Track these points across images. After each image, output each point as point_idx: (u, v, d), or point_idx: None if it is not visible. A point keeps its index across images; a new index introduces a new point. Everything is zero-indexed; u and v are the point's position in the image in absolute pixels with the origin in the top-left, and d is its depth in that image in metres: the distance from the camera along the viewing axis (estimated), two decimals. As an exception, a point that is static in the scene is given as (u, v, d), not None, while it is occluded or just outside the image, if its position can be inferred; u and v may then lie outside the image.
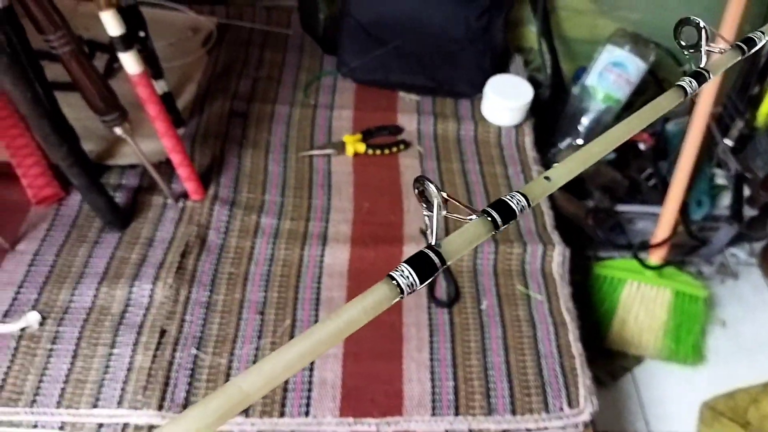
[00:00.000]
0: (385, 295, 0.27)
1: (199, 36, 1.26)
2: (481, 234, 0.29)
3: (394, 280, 0.27)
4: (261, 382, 0.25)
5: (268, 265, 0.91)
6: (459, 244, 0.29)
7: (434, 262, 0.28)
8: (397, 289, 0.27)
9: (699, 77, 0.38)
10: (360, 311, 0.27)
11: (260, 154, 1.07)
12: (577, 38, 1.39)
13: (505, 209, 0.30)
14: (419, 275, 0.27)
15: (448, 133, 1.16)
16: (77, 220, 0.93)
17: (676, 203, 1.13)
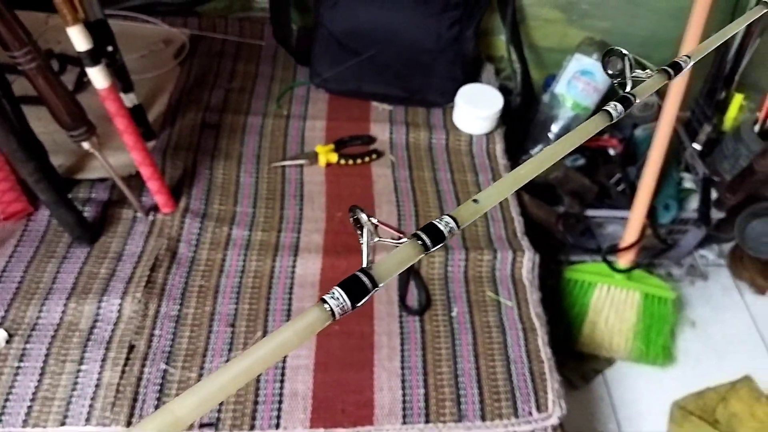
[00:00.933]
0: (316, 318, 0.27)
1: (171, 48, 1.26)
2: (412, 256, 0.30)
3: (326, 304, 0.27)
4: (194, 405, 0.25)
5: (239, 277, 0.91)
6: (390, 267, 0.29)
7: (366, 285, 0.28)
8: (329, 313, 0.27)
9: (625, 101, 0.39)
10: (292, 334, 0.27)
11: (232, 166, 1.06)
12: (547, 47, 1.40)
13: (434, 232, 0.30)
14: (352, 298, 0.27)
15: (420, 141, 1.16)
16: (46, 235, 0.92)
17: (644, 207, 1.14)
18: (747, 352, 1.34)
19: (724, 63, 1.47)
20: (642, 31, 1.39)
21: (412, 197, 1.06)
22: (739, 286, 1.46)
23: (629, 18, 1.35)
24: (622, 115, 0.38)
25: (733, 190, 1.25)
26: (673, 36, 1.29)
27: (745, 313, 1.40)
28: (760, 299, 1.43)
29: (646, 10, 1.34)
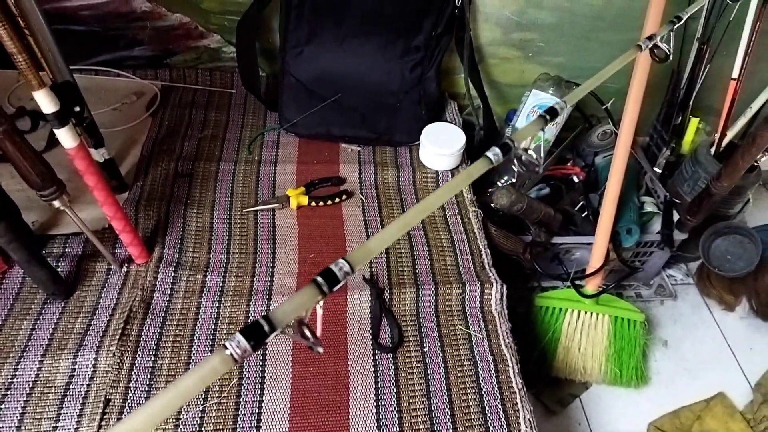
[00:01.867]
0: (218, 363, 0.30)
1: (143, 100, 1.28)
2: (310, 298, 0.33)
3: (228, 350, 0.30)
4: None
5: (214, 325, 0.92)
6: (289, 311, 0.32)
7: (264, 330, 0.31)
8: (230, 357, 0.30)
9: (504, 147, 0.44)
10: (196, 380, 0.29)
11: (205, 213, 1.08)
12: (507, 83, 1.46)
13: (331, 276, 0.33)
14: (253, 342, 0.30)
15: (388, 180, 1.19)
16: (21, 292, 0.92)
17: (606, 233, 1.18)
18: (719, 369, 1.36)
19: (678, 88, 1.53)
20: (596, 64, 1.44)
21: (382, 235, 1.08)
22: (709, 303, 1.49)
23: (582, 52, 1.41)
24: (501, 160, 0.43)
25: (694, 212, 1.29)
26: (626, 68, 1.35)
27: (715, 330, 1.43)
28: (730, 316, 1.47)
29: (597, 44, 1.40)
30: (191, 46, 1.33)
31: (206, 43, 1.32)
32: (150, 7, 1.24)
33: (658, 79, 1.50)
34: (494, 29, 1.34)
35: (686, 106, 1.54)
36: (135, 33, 1.28)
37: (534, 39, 1.37)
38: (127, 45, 1.30)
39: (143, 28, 1.27)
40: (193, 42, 1.32)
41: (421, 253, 1.06)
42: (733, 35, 1.32)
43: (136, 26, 1.27)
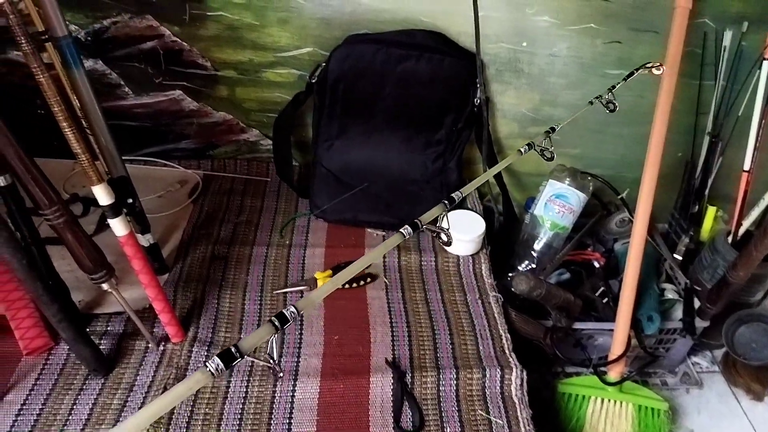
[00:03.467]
0: (201, 377, 0.42)
1: (186, 187, 1.38)
2: (268, 333, 0.46)
3: (208, 368, 0.41)
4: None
5: (242, 403, 0.95)
6: (252, 342, 0.45)
7: (234, 354, 0.44)
8: (209, 373, 0.41)
9: (413, 225, 0.61)
10: (184, 389, 0.40)
11: (238, 294, 1.14)
12: (525, 172, 1.53)
13: (283, 318, 0.47)
14: (225, 363, 0.43)
15: (411, 264, 1.24)
16: (64, 368, 0.98)
17: (626, 320, 1.19)
18: (751, 461, 1.31)
19: (693, 179, 1.58)
20: (611, 155, 1.51)
21: (405, 318, 1.12)
22: (736, 392, 1.46)
23: (597, 144, 1.49)
24: (411, 235, 0.57)
25: (713, 301, 1.30)
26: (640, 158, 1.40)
27: (743, 420, 1.39)
28: (758, 405, 1.42)
29: (609, 136, 1.47)
30: (232, 139, 1.44)
31: (246, 137, 1.44)
32: (197, 106, 1.36)
33: (672, 170, 1.55)
34: (511, 124, 1.43)
35: (702, 195, 1.58)
36: (182, 128, 1.41)
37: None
38: (175, 138, 1.42)
39: (190, 124, 1.40)
40: (234, 136, 1.43)
41: (443, 337, 1.09)
42: (742, 129, 1.38)
43: (183, 122, 1.39)
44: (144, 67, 1.28)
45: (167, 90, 1.33)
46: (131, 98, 1.33)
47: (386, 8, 1.23)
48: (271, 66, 1.31)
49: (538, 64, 1.34)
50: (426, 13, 1.24)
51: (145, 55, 1.26)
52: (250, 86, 1.34)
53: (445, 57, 1.24)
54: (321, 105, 1.30)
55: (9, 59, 1.25)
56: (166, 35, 1.24)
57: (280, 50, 1.28)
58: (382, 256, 0.58)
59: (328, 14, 1.24)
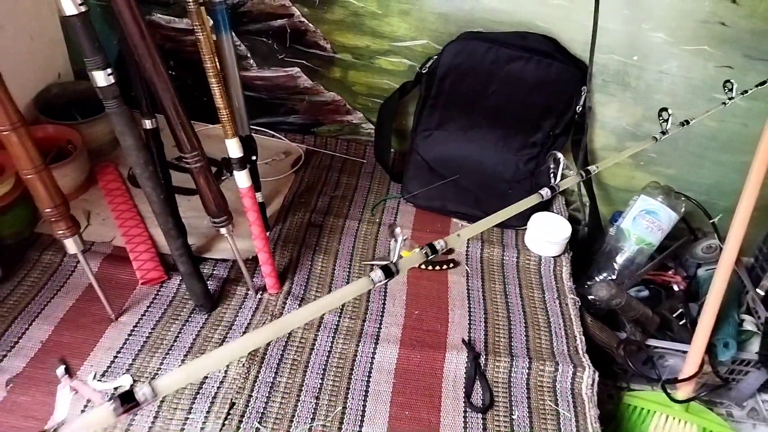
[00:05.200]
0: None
1: (289, 159, 1.47)
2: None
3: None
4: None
5: (327, 356, 1.01)
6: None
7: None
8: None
9: (387, 270, 0.55)
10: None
11: (330, 260, 1.21)
12: (616, 186, 1.52)
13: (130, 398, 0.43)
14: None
15: (493, 257, 1.27)
16: (173, 300, 1.08)
17: (703, 341, 1.17)
18: None
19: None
20: (706, 180, 1.48)
21: (483, 305, 1.15)
22: (808, 438, 1.39)
23: (693, 168, 1.46)
24: (383, 280, 0.55)
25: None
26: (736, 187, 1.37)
27: (813, 468, 1.33)
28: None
29: (710, 162, 1.44)
30: (337, 119, 1.52)
31: (350, 118, 1.51)
32: (311, 84, 1.45)
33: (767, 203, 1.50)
34: (609, 136, 1.43)
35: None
36: (294, 104, 1.50)
37: (647, 149, 1.44)
38: (285, 112, 1.51)
39: (301, 101, 1.49)
40: (340, 116, 1.51)
41: (518, 328, 1.12)
42: None
43: (296, 98, 1.48)
44: (271, 43, 1.38)
45: (287, 66, 1.42)
46: (254, 70, 1.43)
47: (504, 9, 1.27)
48: (385, 54, 1.37)
49: (646, 79, 1.33)
50: (543, 17, 1.27)
51: (273, 32, 1.36)
52: (363, 71, 1.41)
53: (553, 62, 1.26)
54: (426, 96, 1.35)
55: (152, 21, 1.37)
56: (296, 15, 1.33)
57: (396, 40, 1.35)
58: (338, 304, 0.59)
59: (447, 10, 1.29)
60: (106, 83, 0.80)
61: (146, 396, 0.39)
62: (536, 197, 0.70)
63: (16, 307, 1.03)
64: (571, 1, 1.25)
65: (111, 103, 0.82)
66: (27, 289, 1.06)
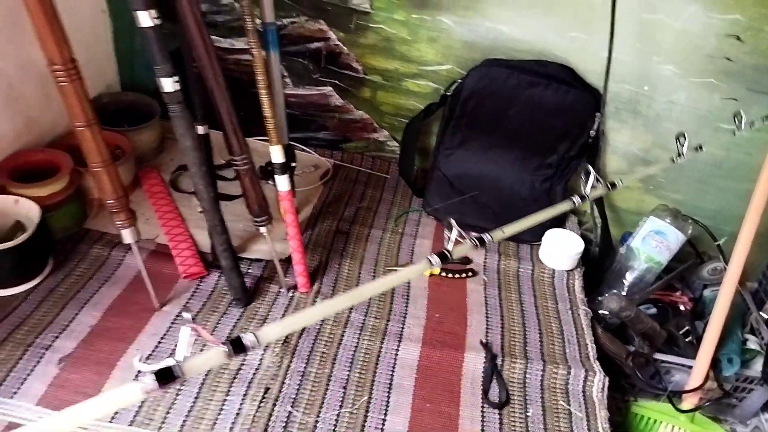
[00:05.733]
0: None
1: (318, 171, 1.56)
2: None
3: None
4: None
5: (353, 351, 1.08)
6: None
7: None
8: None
9: (443, 256, 0.63)
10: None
11: (356, 265, 1.28)
12: (626, 209, 1.59)
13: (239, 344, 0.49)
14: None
15: (510, 269, 1.34)
16: (212, 295, 1.15)
17: (708, 355, 1.22)
18: None
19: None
20: (711, 206, 1.55)
21: (499, 312, 1.22)
22: (811, 459, 1.42)
23: (699, 193, 1.53)
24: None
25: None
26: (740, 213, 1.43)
27: (816, 487, 1.36)
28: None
29: (714, 188, 1.51)
30: (364, 136, 1.61)
31: (376, 136, 1.60)
32: (342, 103, 1.54)
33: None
34: (620, 160, 1.51)
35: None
36: (324, 120, 1.59)
37: (656, 174, 1.51)
38: (316, 128, 1.60)
39: (332, 118, 1.58)
40: (367, 134, 1.60)
41: (533, 335, 1.18)
42: None
43: (326, 115, 1.58)
44: (306, 63, 1.48)
45: (320, 85, 1.52)
46: (289, 88, 1.53)
47: (525, 39, 1.36)
48: (413, 77, 1.47)
49: (656, 108, 1.42)
50: (561, 48, 1.37)
51: (310, 53, 1.46)
52: (391, 92, 1.50)
53: (570, 89, 1.35)
54: (449, 117, 1.44)
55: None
56: (332, 39, 1.43)
57: (423, 64, 1.44)
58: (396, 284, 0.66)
59: (473, 38, 1.38)
60: (172, 89, 0.89)
61: (252, 343, 0.47)
62: (568, 203, 0.77)
63: (66, 294, 1.10)
64: (588, 33, 1.35)
65: (175, 107, 0.90)
66: (76, 279, 1.14)
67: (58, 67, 0.81)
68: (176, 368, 0.45)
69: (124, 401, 0.44)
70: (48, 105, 1.31)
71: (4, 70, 1.17)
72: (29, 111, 1.26)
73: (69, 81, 0.82)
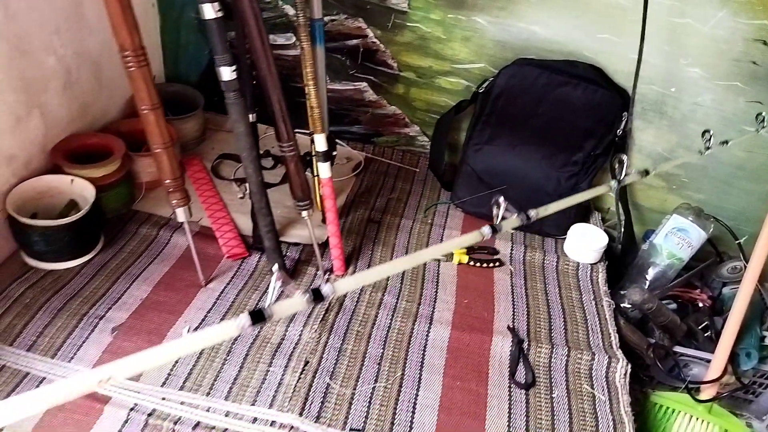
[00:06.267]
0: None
1: (351, 164, 1.61)
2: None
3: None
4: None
5: (387, 331, 1.13)
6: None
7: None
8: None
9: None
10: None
11: (387, 251, 1.33)
12: (649, 207, 1.62)
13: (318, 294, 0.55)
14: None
15: (535, 260, 1.38)
16: (253, 274, 1.21)
17: (727, 348, 1.25)
18: None
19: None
20: (733, 206, 1.57)
21: (525, 300, 1.26)
22: (826, 456, 1.44)
23: (721, 194, 1.56)
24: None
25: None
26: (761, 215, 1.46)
27: (830, 482, 1.38)
28: None
29: (737, 189, 1.54)
30: (395, 131, 1.66)
31: (407, 131, 1.65)
32: (375, 98, 1.60)
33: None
34: (645, 159, 1.54)
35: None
36: (358, 115, 1.64)
37: (679, 174, 1.54)
38: (350, 122, 1.66)
39: (365, 113, 1.63)
40: (398, 129, 1.65)
41: (558, 322, 1.22)
42: None
43: (360, 110, 1.63)
44: (344, 59, 1.54)
45: (356, 81, 1.57)
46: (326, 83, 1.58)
47: (557, 40, 1.41)
48: (446, 74, 1.52)
49: (682, 109, 1.45)
50: (591, 49, 1.40)
51: (348, 50, 1.52)
52: (424, 88, 1.55)
53: (599, 89, 1.39)
54: (480, 113, 1.48)
55: (242, 37, 1.54)
56: (369, 36, 1.49)
57: (456, 62, 1.49)
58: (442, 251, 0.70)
59: (505, 38, 1.43)
60: (230, 78, 0.95)
61: (329, 293, 0.52)
62: (605, 187, 0.81)
63: (117, 269, 1.17)
64: (617, 35, 1.39)
65: (231, 95, 0.96)
66: (127, 256, 1.20)
67: (128, 53, 0.87)
68: (266, 310, 0.50)
69: (223, 335, 0.50)
70: (100, 92, 1.38)
71: (65, 58, 1.24)
72: (84, 97, 1.33)
73: (138, 66, 0.88)
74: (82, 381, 0.41)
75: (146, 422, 0.90)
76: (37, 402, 0.40)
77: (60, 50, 1.22)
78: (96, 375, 0.42)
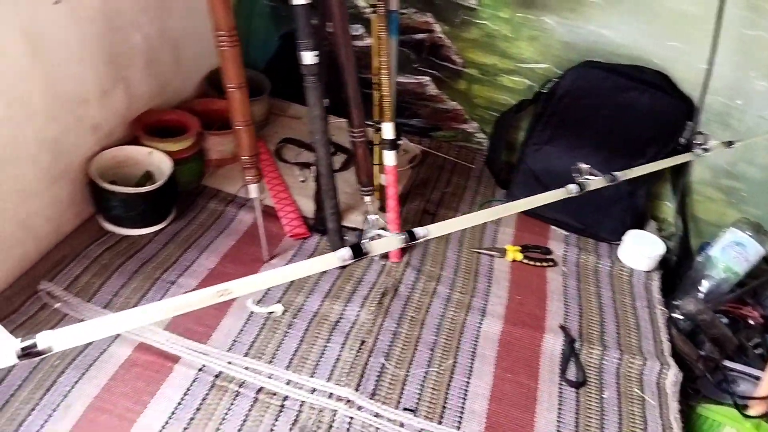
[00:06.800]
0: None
1: (407, 156, 1.63)
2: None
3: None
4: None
5: (440, 319, 1.15)
6: None
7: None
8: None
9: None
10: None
11: (441, 243, 1.35)
12: (706, 220, 1.59)
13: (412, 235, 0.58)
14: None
15: (589, 263, 1.38)
16: (313, 254, 1.24)
17: (782, 367, 1.23)
18: None
19: None
20: (794, 225, 1.53)
21: (578, 301, 1.26)
22: None
23: (782, 213, 1.52)
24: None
25: None
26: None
27: None
28: None
29: (798, 207, 1.50)
30: (453, 126, 1.67)
31: (465, 127, 1.66)
32: (437, 93, 1.61)
33: None
34: (705, 171, 1.51)
35: None
36: (418, 108, 1.66)
37: (740, 188, 1.51)
38: (410, 115, 1.68)
39: (425, 107, 1.65)
40: (457, 124, 1.67)
41: (610, 325, 1.21)
42: None
43: (420, 104, 1.65)
44: (409, 52, 1.56)
45: (419, 75, 1.59)
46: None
47: (625, 44, 1.40)
48: (509, 73, 1.52)
49: (747, 122, 1.42)
50: (659, 56, 1.39)
51: (414, 44, 1.54)
52: (486, 86, 1.56)
53: (665, 96, 1.37)
54: (541, 113, 1.48)
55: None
56: (436, 31, 1.50)
57: (521, 61, 1.49)
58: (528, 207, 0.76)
59: (572, 39, 1.43)
60: (312, 62, 0.98)
61: (422, 234, 0.57)
62: (691, 155, 0.93)
63: (187, 239, 1.22)
64: (686, 44, 1.37)
65: (311, 78, 0.99)
66: (196, 228, 1.26)
67: (223, 33, 0.91)
68: (365, 245, 0.54)
69: (324, 266, 0.55)
70: (178, 71, 1.44)
71: (149, 36, 1.30)
72: (163, 74, 1.39)
73: (230, 46, 0.92)
74: (206, 293, 0.48)
75: (213, 383, 0.94)
76: (164, 310, 0.46)
77: (145, 28, 1.28)
78: (217, 288, 0.50)
